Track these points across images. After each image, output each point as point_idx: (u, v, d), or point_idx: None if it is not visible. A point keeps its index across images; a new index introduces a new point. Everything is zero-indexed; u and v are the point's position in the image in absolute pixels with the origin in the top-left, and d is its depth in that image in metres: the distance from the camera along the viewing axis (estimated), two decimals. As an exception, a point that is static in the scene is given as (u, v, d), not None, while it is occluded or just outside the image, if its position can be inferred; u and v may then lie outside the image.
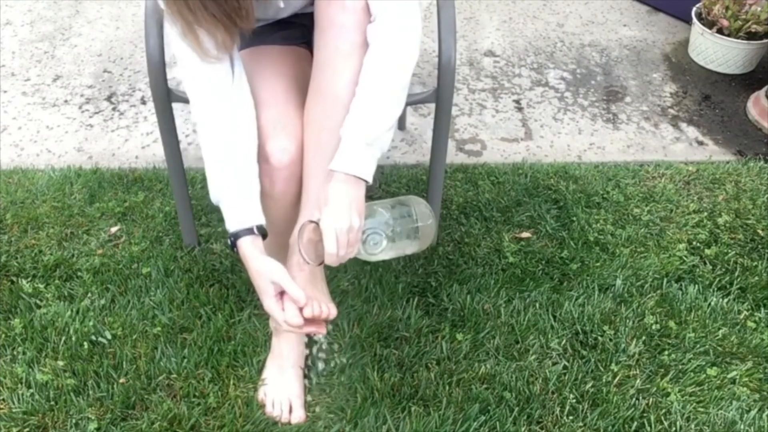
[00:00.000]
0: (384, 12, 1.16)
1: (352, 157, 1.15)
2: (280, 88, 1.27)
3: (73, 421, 1.32)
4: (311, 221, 1.16)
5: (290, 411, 1.35)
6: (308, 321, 1.17)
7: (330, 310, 1.22)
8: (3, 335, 1.47)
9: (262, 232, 1.20)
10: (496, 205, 1.82)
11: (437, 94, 1.43)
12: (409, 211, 1.23)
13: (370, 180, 1.17)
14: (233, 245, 1.20)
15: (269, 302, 1.17)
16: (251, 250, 1.18)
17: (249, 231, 1.18)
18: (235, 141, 1.19)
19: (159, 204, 1.79)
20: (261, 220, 1.20)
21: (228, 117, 1.19)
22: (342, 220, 1.12)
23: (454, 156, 2.02)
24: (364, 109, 1.16)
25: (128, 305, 1.53)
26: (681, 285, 1.63)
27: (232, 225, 1.19)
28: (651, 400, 1.40)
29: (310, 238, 1.17)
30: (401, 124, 2.11)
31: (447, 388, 1.40)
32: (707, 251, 1.72)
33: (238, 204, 1.19)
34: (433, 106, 1.46)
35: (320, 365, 1.42)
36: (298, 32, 1.39)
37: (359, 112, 1.16)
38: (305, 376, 1.40)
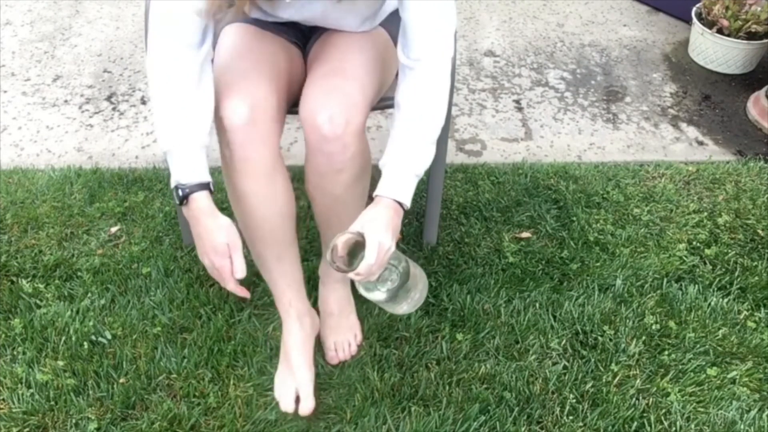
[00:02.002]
0: (426, 57, 1.19)
1: (400, 186, 1.18)
2: (264, 69, 1.25)
3: (73, 421, 1.32)
4: (349, 232, 1.15)
5: (297, 401, 1.32)
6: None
7: (357, 340, 1.46)
8: (3, 335, 1.47)
9: (211, 191, 1.19)
10: (496, 205, 1.82)
11: (437, 94, 1.42)
12: (411, 265, 1.24)
13: (409, 206, 1.20)
14: (183, 198, 1.16)
15: (222, 261, 1.16)
16: (209, 206, 1.16)
17: (205, 186, 1.16)
18: (191, 94, 1.16)
19: (159, 204, 1.79)
20: (210, 178, 1.18)
21: (187, 76, 1.16)
22: (386, 236, 1.14)
23: (454, 156, 2.02)
24: (413, 147, 1.20)
25: (128, 305, 1.53)
26: (681, 285, 1.63)
27: (184, 177, 1.15)
28: (651, 400, 1.40)
29: (338, 253, 1.16)
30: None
31: (447, 388, 1.40)
32: (707, 251, 1.72)
33: (191, 155, 1.16)
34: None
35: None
36: (297, 32, 1.39)
37: (407, 148, 1.20)
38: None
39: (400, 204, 1.19)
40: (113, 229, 1.72)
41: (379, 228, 1.14)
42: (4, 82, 2.25)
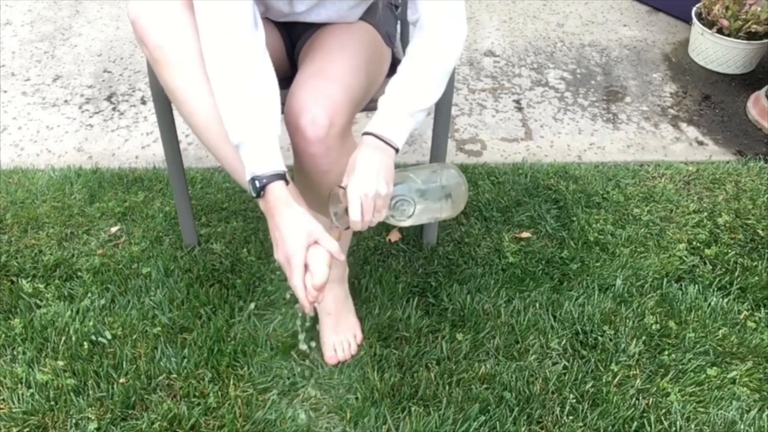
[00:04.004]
0: (432, 6, 1.19)
1: (391, 123, 1.17)
2: None
3: (73, 421, 1.32)
4: (340, 186, 1.15)
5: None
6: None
7: (357, 340, 1.46)
8: (3, 335, 1.47)
9: (287, 181, 1.15)
10: (496, 205, 1.82)
11: (437, 94, 1.42)
12: (441, 177, 1.24)
13: (400, 148, 1.18)
14: (261, 189, 1.12)
15: (300, 254, 1.09)
16: (287, 197, 1.12)
17: (281, 176, 1.12)
18: (259, 82, 1.14)
19: (159, 204, 1.79)
20: (285, 168, 1.15)
21: (252, 63, 1.13)
22: (369, 186, 1.12)
23: (454, 156, 2.02)
24: (410, 84, 1.19)
25: (128, 305, 1.53)
26: (681, 285, 1.63)
27: (259, 168, 1.11)
28: (651, 400, 1.40)
29: (340, 203, 1.16)
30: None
31: (447, 388, 1.40)
32: (707, 251, 1.72)
33: (265, 146, 1.12)
34: (433, 105, 1.46)
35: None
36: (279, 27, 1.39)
37: (405, 85, 1.19)
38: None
39: (390, 144, 1.16)
40: (113, 229, 1.72)
41: (362, 179, 1.12)
42: (4, 82, 2.25)
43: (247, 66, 1.13)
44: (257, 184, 1.12)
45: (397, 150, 1.18)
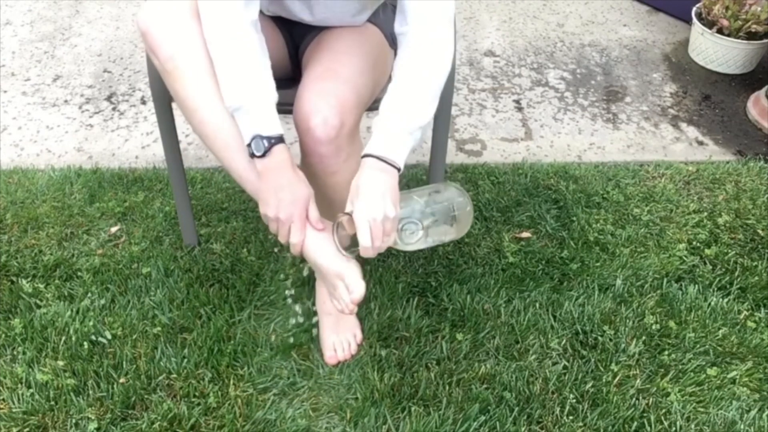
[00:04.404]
0: (419, 19, 1.19)
1: (390, 143, 1.16)
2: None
3: (73, 421, 1.32)
4: (345, 213, 1.15)
5: (348, 291, 1.20)
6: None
7: (357, 339, 1.46)
8: (3, 335, 1.47)
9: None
10: (496, 205, 1.82)
11: (437, 94, 1.42)
12: (446, 198, 1.22)
13: (402, 168, 1.17)
14: (267, 150, 1.14)
15: (302, 211, 1.15)
16: (290, 158, 1.16)
17: (283, 140, 1.16)
18: (256, 49, 1.16)
19: (159, 204, 1.79)
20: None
21: (248, 31, 1.16)
22: (376, 210, 1.11)
23: (454, 156, 2.02)
24: (405, 102, 1.18)
25: (128, 305, 1.53)
26: (681, 285, 1.63)
27: (265, 129, 1.14)
28: (651, 400, 1.40)
29: (345, 231, 1.16)
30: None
31: (447, 388, 1.40)
32: (707, 251, 1.72)
33: (268, 109, 1.16)
34: (431, 121, 1.45)
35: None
36: (283, 27, 1.39)
37: (400, 104, 1.18)
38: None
39: (392, 164, 1.16)
40: (113, 229, 1.72)
41: (369, 203, 1.12)
42: (4, 82, 2.25)
43: (243, 36, 1.15)
44: (265, 143, 1.14)
45: (399, 170, 1.17)
